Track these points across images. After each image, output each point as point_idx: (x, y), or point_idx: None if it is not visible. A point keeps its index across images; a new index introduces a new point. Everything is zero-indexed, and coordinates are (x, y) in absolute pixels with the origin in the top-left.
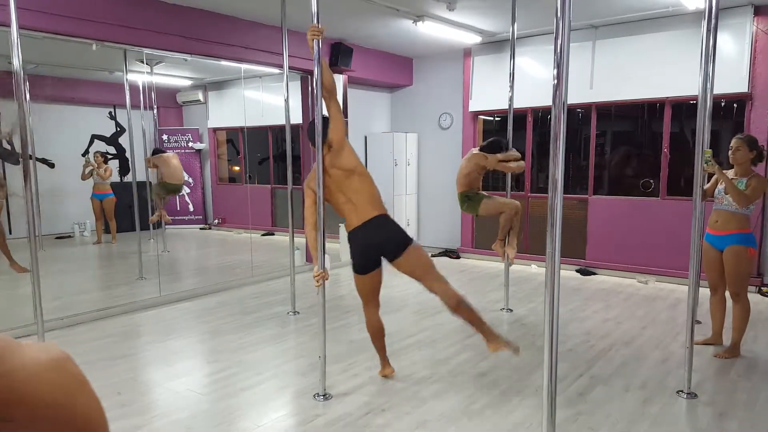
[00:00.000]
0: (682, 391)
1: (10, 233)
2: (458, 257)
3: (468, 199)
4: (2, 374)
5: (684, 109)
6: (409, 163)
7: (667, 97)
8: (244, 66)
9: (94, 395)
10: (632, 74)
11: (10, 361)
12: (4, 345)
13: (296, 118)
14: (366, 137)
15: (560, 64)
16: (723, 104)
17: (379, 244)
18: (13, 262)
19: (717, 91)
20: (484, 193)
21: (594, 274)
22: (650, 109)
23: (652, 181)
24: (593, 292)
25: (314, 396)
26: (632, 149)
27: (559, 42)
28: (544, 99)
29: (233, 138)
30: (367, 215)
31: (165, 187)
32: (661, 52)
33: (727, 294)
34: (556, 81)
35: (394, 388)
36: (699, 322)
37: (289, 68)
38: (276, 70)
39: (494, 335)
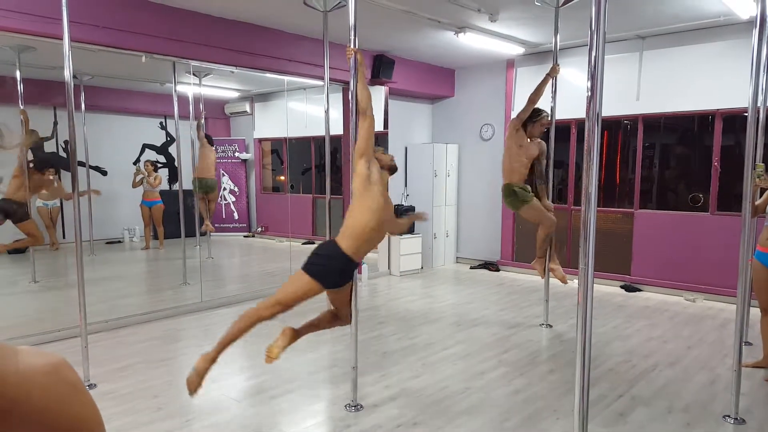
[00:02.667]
0: (728, 416)
1: (63, 237)
2: (497, 270)
3: (513, 193)
4: None
5: (738, 121)
6: (449, 174)
7: (718, 109)
8: (287, 78)
9: (90, 401)
10: (681, 85)
11: (2, 366)
12: None
13: (337, 129)
14: (406, 148)
15: (594, 76)
16: None
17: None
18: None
19: None
20: (531, 194)
21: (639, 290)
22: (700, 121)
23: (701, 195)
24: (638, 309)
25: (345, 406)
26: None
27: (593, 54)
28: None
29: (278, 148)
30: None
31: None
32: (712, 62)
33: None
34: (589, 93)
35: (426, 401)
36: (749, 344)
37: (330, 80)
38: (319, 82)
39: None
